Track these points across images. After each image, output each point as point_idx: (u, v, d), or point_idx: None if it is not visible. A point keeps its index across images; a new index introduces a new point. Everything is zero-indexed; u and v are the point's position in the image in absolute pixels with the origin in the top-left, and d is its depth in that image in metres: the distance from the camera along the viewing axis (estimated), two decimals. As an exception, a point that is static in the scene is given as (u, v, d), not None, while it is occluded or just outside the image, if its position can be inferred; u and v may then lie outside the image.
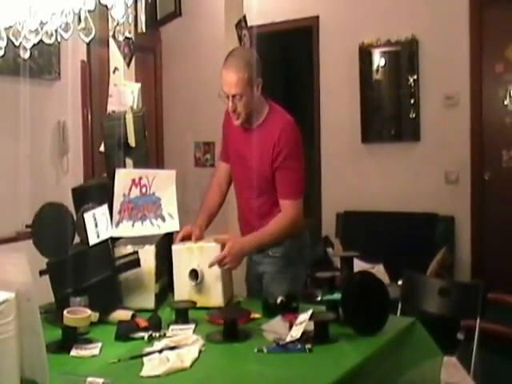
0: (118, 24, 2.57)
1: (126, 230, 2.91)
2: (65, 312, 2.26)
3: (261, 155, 2.95)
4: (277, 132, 2.92)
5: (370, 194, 5.70)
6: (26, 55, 2.75)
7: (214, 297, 2.75)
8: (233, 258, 2.78)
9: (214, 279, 2.75)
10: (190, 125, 6.48)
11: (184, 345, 2.19)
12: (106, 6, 2.43)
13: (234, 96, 2.87)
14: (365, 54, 5.77)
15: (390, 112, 5.73)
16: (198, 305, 2.62)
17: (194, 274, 2.73)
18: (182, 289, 2.77)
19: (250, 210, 3.10)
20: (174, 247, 2.84)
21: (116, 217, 2.91)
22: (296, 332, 2.24)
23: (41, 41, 2.65)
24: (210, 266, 2.75)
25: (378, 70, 5.75)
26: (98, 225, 2.75)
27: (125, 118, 3.41)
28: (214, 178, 3.28)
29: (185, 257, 2.79)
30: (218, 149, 6.07)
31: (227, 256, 2.76)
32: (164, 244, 2.91)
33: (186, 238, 2.94)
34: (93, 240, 2.71)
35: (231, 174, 3.20)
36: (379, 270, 4.72)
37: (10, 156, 4.42)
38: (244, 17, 5.05)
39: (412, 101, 5.55)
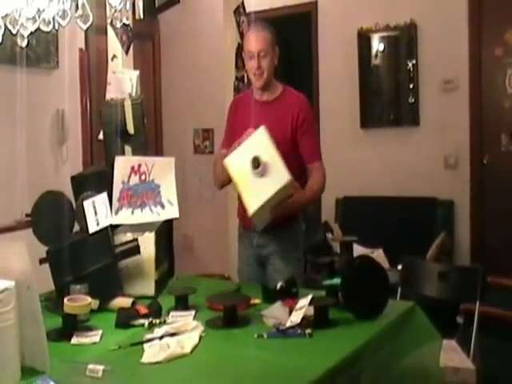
0: (115, 11, 2.55)
1: (126, 217, 2.91)
2: (65, 300, 2.27)
3: (281, 123, 3.10)
4: (297, 103, 3.18)
5: (370, 179, 5.70)
6: (24, 43, 2.73)
7: (278, 176, 2.79)
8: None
9: (272, 160, 2.80)
10: (189, 112, 6.46)
11: (184, 331, 2.20)
12: (104, -7, 2.42)
13: (259, 53, 3.09)
14: (363, 39, 5.74)
15: (389, 97, 5.72)
16: (271, 191, 2.75)
17: (256, 162, 2.79)
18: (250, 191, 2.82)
19: None
20: (227, 160, 2.93)
21: (115, 204, 2.91)
22: (296, 317, 2.25)
23: (38, 28, 2.63)
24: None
25: (376, 55, 5.73)
26: (98, 212, 2.74)
27: (123, 106, 3.41)
28: (216, 165, 3.25)
29: (237, 162, 2.87)
30: (218, 136, 6.10)
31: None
32: (164, 231, 2.91)
33: None
34: (92, 228, 2.70)
35: None
36: (379, 255, 4.73)
37: (8, 145, 4.41)
38: (242, 3, 5.05)
39: (411, 85, 5.54)
